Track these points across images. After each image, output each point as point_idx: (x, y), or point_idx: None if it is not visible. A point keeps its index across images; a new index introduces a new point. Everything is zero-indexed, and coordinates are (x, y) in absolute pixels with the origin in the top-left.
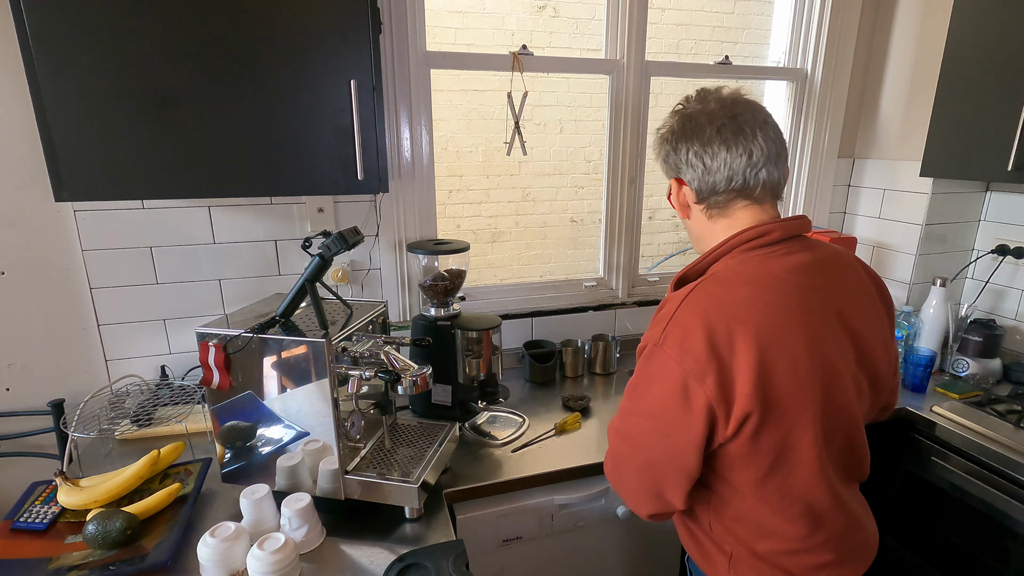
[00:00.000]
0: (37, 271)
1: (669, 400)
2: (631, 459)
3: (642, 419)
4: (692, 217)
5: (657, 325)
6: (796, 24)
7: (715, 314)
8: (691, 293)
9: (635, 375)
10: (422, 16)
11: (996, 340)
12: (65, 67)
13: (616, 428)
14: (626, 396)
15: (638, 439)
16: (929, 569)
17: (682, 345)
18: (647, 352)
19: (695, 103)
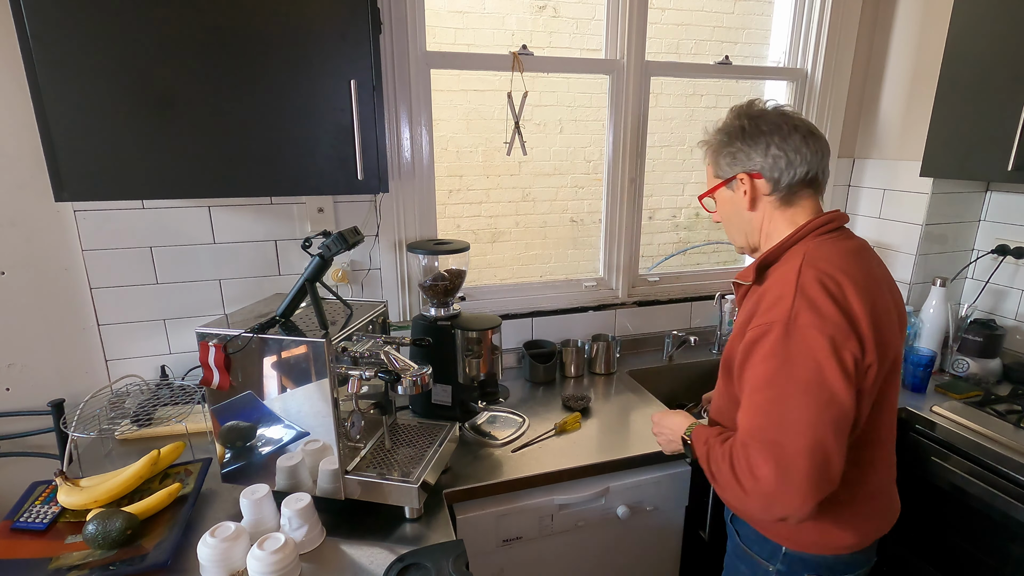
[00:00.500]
0: (37, 271)
1: (824, 367)
2: (796, 445)
3: (801, 398)
4: (758, 208)
5: (777, 306)
6: (796, 24)
7: (830, 283)
8: (801, 270)
9: (768, 363)
10: (422, 16)
11: (996, 340)
12: (65, 67)
13: (763, 424)
14: (766, 387)
15: (803, 420)
16: (929, 569)
17: (818, 313)
18: (778, 333)
19: (756, 107)
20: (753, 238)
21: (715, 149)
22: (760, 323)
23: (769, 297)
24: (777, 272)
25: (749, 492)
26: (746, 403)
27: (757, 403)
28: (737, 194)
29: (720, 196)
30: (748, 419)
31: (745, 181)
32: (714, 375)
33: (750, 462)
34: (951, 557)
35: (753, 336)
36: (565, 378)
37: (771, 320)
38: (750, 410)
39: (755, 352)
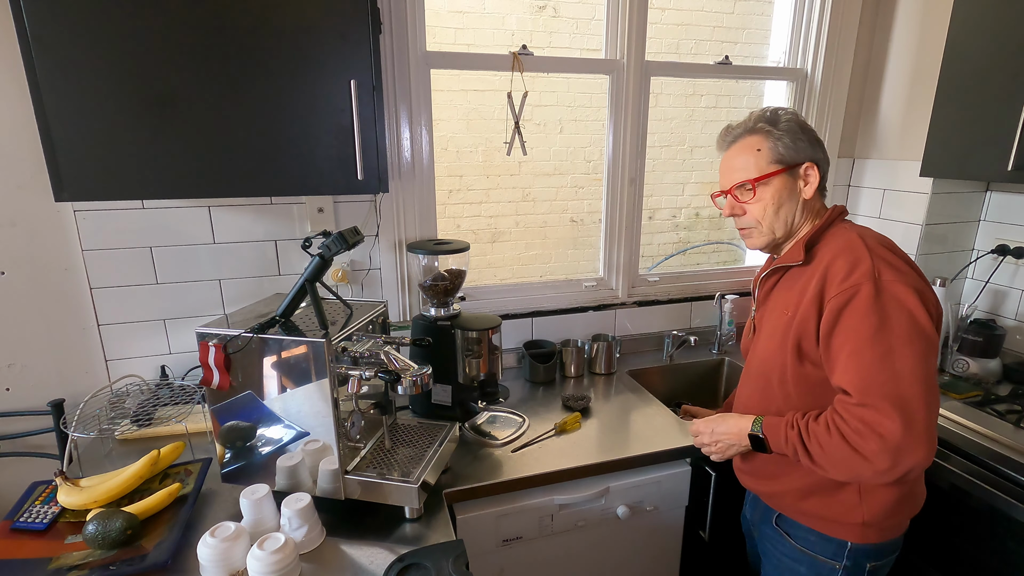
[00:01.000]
0: (37, 271)
1: (917, 316)
2: (915, 393)
3: (907, 348)
4: (813, 196)
5: (857, 269)
6: (796, 24)
7: (891, 245)
8: (863, 238)
9: (867, 321)
10: (422, 16)
11: (996, 340)
12: (65, 67)
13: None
14: (872, 344)
15: (914, 369)
16: (929, 569)
17: (895, 267)
18: (868, 291)
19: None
20: (794, 228)
21: (784, 133)
22: (844, 288)
23: (840, 265)
24: (828, 247)
25: (873, 453)
26: (851, 364)
27: (866, 361)
28: (797, 182)
29: (777, 181)
30: (860, 378)
31: (812, 170)
32: (715, 374)
33: (870, 421)
34: (951, 557)
35: (840, 301)
36: (565, 378)
37: (856, 282)
38: (858, 369)
39: (847, 314)
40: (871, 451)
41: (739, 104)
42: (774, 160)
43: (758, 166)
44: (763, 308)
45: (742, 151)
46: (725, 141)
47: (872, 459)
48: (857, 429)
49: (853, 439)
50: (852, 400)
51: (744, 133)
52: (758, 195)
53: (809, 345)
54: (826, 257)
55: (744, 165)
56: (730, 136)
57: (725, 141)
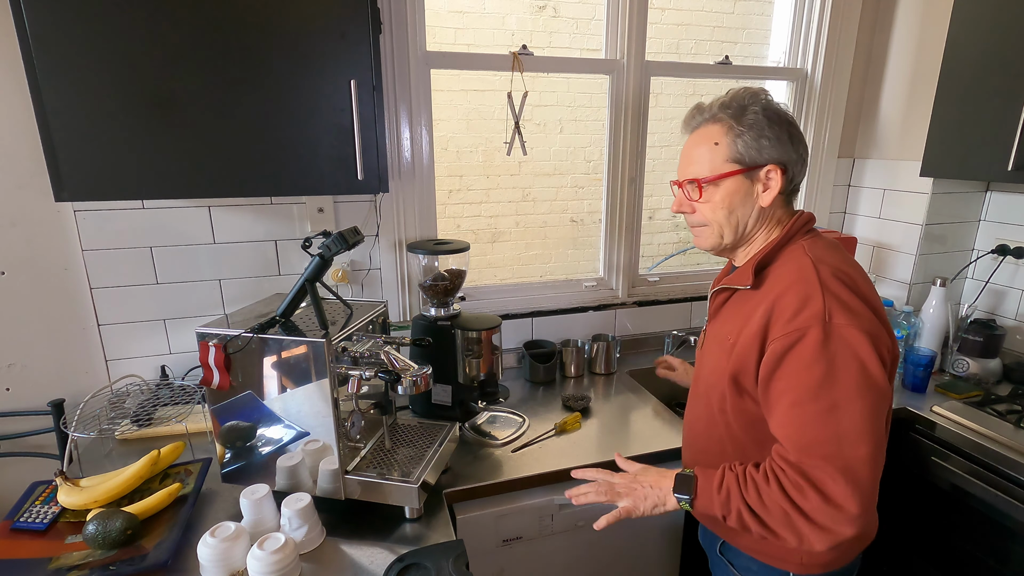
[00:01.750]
0: (37, 271)
1: (868, 365)
2: (860, 455)
3: (855, 403)
4: (771, 203)
5: (806, 307)
6: (796, 24)
7: (846, 278)
8: (816, 267)
9: (812, 370)
10: (422, 16)
11: (996, 340)
12: (65, 67)
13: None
14: (816, 397)
15: (861, 426)
16: (930, 569)
17: (849, 307)
18: (816, 336)
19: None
20: (746, 236)
21: (748, 127)
22: (790, 329)
23: (789, 300)
24: (780, 272)
25: (818, 518)
26: (791, 416)
27: (808, 416)
28: (755, 186)
29: (730, 184)
30: (800, 434)
31: (774, 174)
32: None
33: (813, 482)
34: (951, 557)
35: (784, 344)
36: (565, 378)
37: (803, 325)
38: (799, 424)
39: (789, 360)
40: (816, 515)
41: None
42: (731, 158)
43: (712, 164)
44: (713, 322)
45: (700, 141)
46: (689, 126)
47: (819, 523)
48: (796, 483)
49: (793, 494)
50: (790, 455)
51: (705, 121)
52: (705, 196)
53: (747, 381)
54: (776, 286)
55: (699, 159)
56: (694, 122)
57: (689, 126)
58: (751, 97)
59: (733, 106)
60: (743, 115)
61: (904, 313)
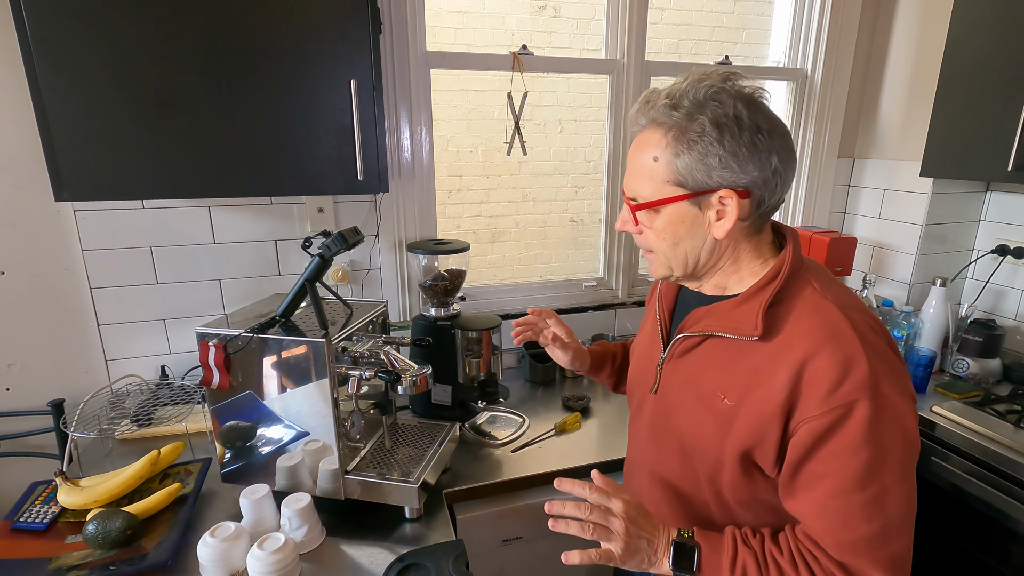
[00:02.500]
0: (37, 271)
1: (911, 437)
2: (905, 544)
3: (901, 486)
4: (729, 235)
5: (850, 373)
6: (796, 24)
7: (876, 324)
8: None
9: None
10: (422, 16)
11: (996, 340)
12: (65, 67)
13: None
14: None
15: (905, 511)
16: (929, 569)
17: (894, 370)
18: (867, 413)
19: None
20: (700, 269)
21: (689, 144)
22: (834, 405)
23: (825, 364)
24: (796, 321)
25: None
26: (831, 508)
27: (855, 507)
28: (705, 214)
29: (672, 211)
30: (844, 530)
31: (729, 201)
32: None
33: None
34: (951, 557)
35: (827, 422)
36: (565, 378)
37: (849, 399)
38: (843, 517)
39: (833, 444)
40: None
41: None
42: (671, 180)
43: (652, 183)
44: (678, 363)
45: (641, 151)
46: (634, 123)
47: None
48: (831, 574)
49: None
50: (830, 550)
51: (647, 122)
52: (644, 221)
53: (764, 462)
54: (799, 344)
55: (639, 173)
56: (637, 121)
57: (634, 123)
58: (705, 91)
59: (682, 106)
60: (689, 123)
61: (904, 313)
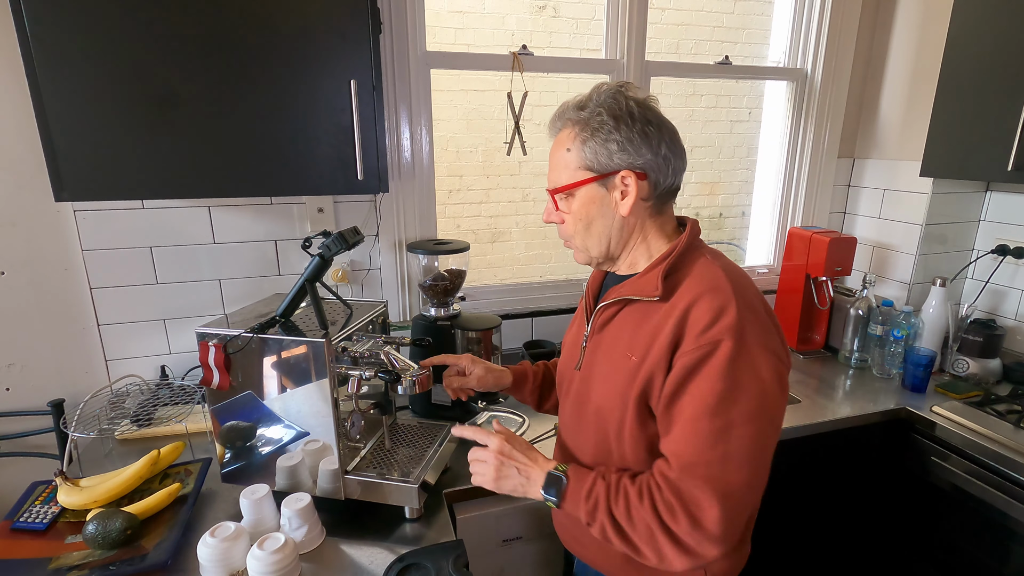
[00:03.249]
0: (37, 271)
1: (768, 391)
2: (739, 480)
3: (747, 426)
4: (633, 212)
5: (721, 318)
6: (796, 24)
7: (758, 298)
8: (732, 282)
9: (717, 385)
10: (422, 16)
11: (996, 340)
12: (65, 67)
13: (710, 458)
14: (714, 414)
15: (746, 452)
16: (929, 569)
17: (762, 327)
18: (728, 351)
19: (637, 92)
20: (615, 248)
21: (592, 132)
22: (704, 341)
23: (703, 309)
24: (688, 282)
25: (684, 540)
26: (685, 432)
27: (703, 432)
28: (611, 194)
29: (584, 194)
30: (689, 450)
31: (629, 180)
32: None
33: (690, 501)
34: (951, 557)
35: (695, 358)
36: None
37: (716, 338)
38: (691, 439)
39: (699, 374)
40: (684, 534)
41: (739, 104)
42: (582, 165)
43: (568, 171)
44: (598, 337)
45: (557, 147)
46: (551, 129)
47: (684, 543)
48: (669, 503)
49: (663, 512)
50: (671, 471)
51: (561, 125)
52: (563, 206)
53: (654, 403)
54: (686, 296)
55: (557, 165)
56: (553, 127)
57: (551, 129)
58: (604, 95)
59: (587, 107)
60: (591, 118)
61: (904, 313)
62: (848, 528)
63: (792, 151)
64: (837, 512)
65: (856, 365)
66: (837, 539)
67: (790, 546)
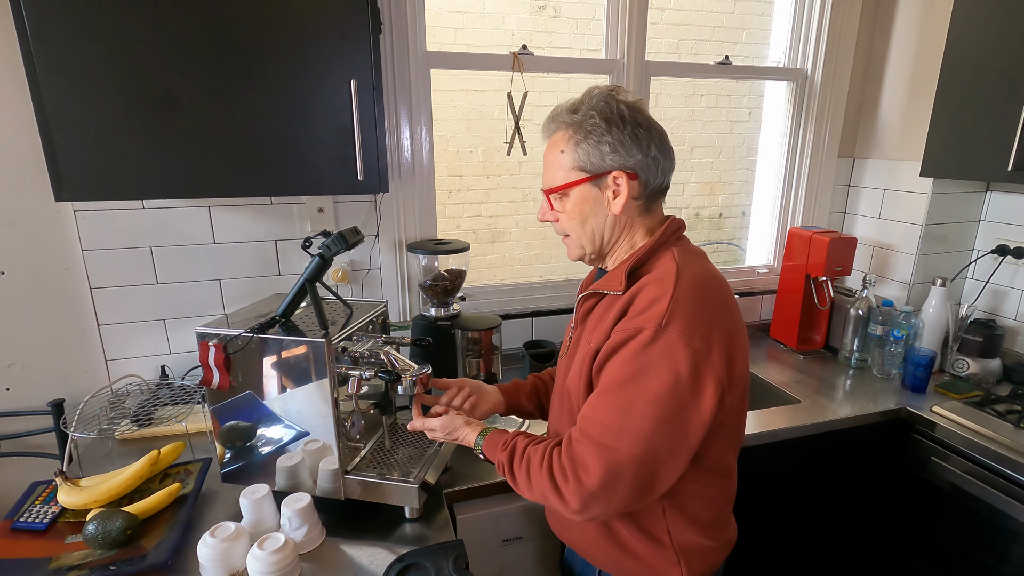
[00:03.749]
0: (37, 271)
1: (680, 381)
2: (628, 452)
3: (648, 408)
4: (623, 211)
5: (650, 309)
6: (796, 24)
7: (707, 297)
8: (679, 276)
9: (626, 367)
10: (422, 16)
11: (996, 340)
12: (65, 67)
13: (604, 427)
14: (617, 390)
15: (642, 430)
16: (929, 570)
17: (689, 324)
18: (644, 338)
19: (627, 96)
20: (606, 245)
21: (585, 135)
22: (630, 326)
23: (641, 299)
24: (649, 278)
25: (569, 495)
26: (593, 400)
27: (606, 403)
28: (604, 194)
29: (577, 193)
30: (590, 412)
31: (621, 180)
32: None
33: (579, 464)
34: (951, 557)
35: (621, 337)
36: None
37: (640, 325)
38: (595, 406)
39: (618, 354)
40: (568, 491)
41: (739, 104)
42: (575, 166)
43: (562, 172)
44: (580, 328)
45: (551, 149)
46: (544, 132)
47: (567, 498)
48: (562, 468)
49: (557, 476)
50: (572, 434)
51: (555, 128)
52: (558, 205)
53: (594, 369)
54: (637, 289)
55: (551, 167)
56: (548, 129)
57: (544, 132)
58: (596, 98)
59: (580, 110)
60: (584, 121)
61: (904, 313)
62: (848, 528)
63: (792, 151)
64: (837, 512)
65: (856, 365)
66: (837, 539)
67: (790, 545)
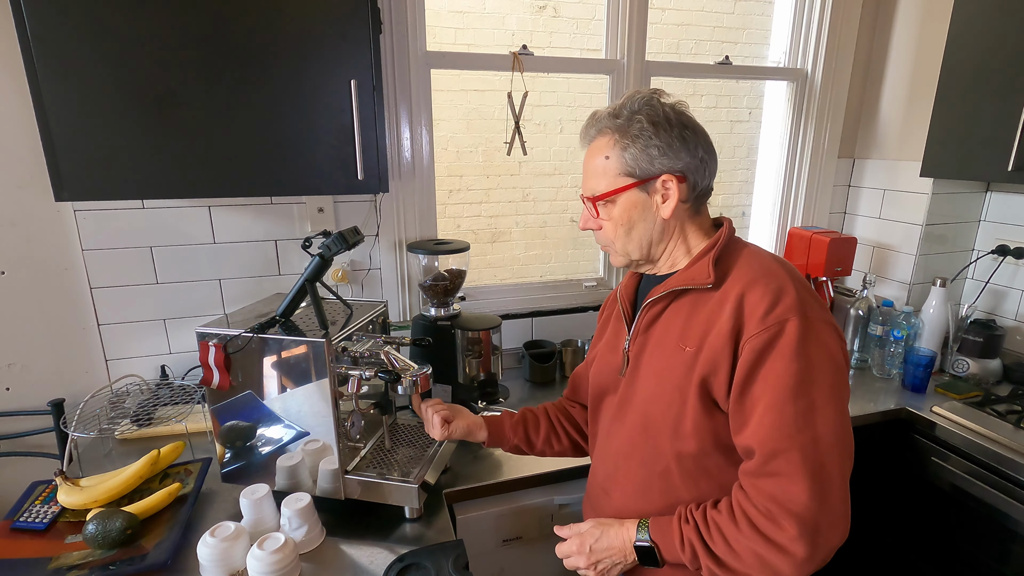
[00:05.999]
0: (37, 271)
1: (840, 365)
2: (834, 463)
3: (830, 404)
4: (673, 215)
5: (781, 299)
6: (796, 24)
7: (807, 284)
8: (779, 263)
9: (791, 366)
10: (422, 16)
11: (996, 340)
12: (65, 67)
13: (802, 442)
14: (796, 396)
15: (839, 430)
16: (929, 569)
17: (820, 305)
18: (796, 329)
19: (669, 98)
20: (657, 249)
21: (632, 139)
22: (769, 323)
23: (760, 294)
24: (737, 270)
25: (791, 540)
26: (766, 420)
27: (787, 417)
28: (652, 198)
29: (625, 199)
30: (776, 437)
31: (671, 184)
32: None
33: (781, 498)
34: (951, 557)
35: (763, 340)
36: (565, 378)
37: (781, 318)
38: (776, 426)
39: (771, 355)
40: (787, 538)
41: (739, 104)
42: (623, 172)
43: (607, 178)
44: (643, 337)
45: (593, 155)
46: (584, 139)
47: (790, 548)
48: (767, 511)
49: (764, 526)
50: (756, 464)
51: (596, 133)
52: (604, 213)
53: (719, 391)
54: (738, 283)
55: (594, 174)
56: (587, 135)
57: (584, 139)
58: (639, 102)
59: (622, 115)
60: (629, 125)
61: (904, 313)
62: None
63: (792, 151)
64: None
65: (856, 365)
66: None
67: None
